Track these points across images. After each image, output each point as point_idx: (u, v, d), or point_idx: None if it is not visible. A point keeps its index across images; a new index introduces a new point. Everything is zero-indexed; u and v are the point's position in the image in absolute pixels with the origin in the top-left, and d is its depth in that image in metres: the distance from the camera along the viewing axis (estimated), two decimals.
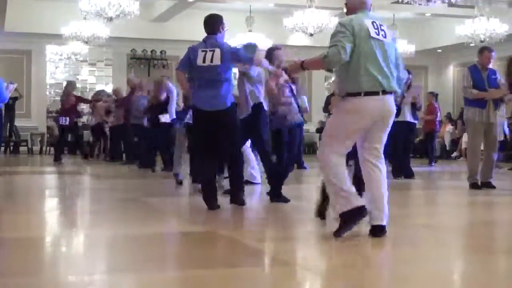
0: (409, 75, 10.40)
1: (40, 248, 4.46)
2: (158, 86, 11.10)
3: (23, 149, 19.32)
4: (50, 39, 19.32)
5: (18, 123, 18.91)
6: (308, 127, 16.95)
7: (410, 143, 11.06)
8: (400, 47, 18.40)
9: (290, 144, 6.88)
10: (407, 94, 10.27)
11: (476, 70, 8.65)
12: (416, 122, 10.90)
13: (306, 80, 20.84)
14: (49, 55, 20.60)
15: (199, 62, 6.21)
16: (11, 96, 13.82)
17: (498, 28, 16.01)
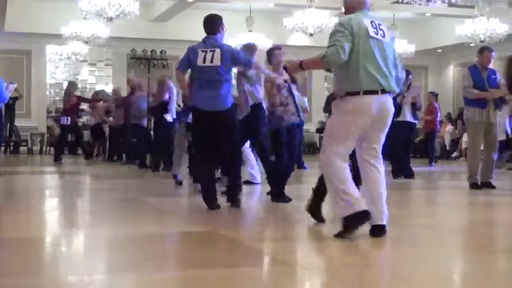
0: (409, 75, 10.42)
1: (40, 248, 4.45)
2: (161, 87, 11.10)
3: (23, 149, 19.31)
4: (50, 39, 19.32)
5: (18, 123, 18.91)
6: (308, 127, 16.99)
7: (410, 143, 11.05)
8: (400, 47, 18.40)
9: (290, 144, 6.88)
10: (407, 94, 10.28)
11: (476, 70, 8.65)
12: (416, 122, 10.90)
13: (306, 80, 20.82)
14: (49, 55, 20.59)
15: (199, 62, 6.20)
16: (11, 96, 13.84)
17: (498, 28, 16.00)
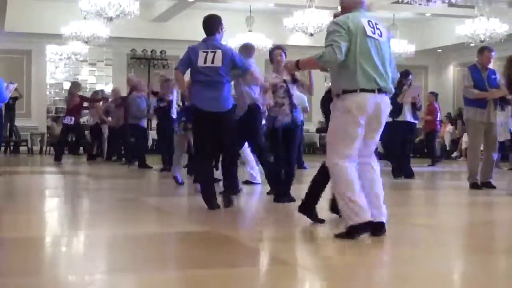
0: (409, 75, 10.42)
1: (40, 248, 4.45)
2: (167, 86, 11.05)
3: (23, 149, 19.30)
4: (50, 39, 19.32)
5: (18, 123, 18.90)
6: (308, 127, 16.96)
7: (410, 143, 11.05)
8: (400, 47, 18.38)
9: (289, 145, 6.85)
10: (407, 94, 10.27)
11: (476, 70, 8.64)
12: (416, 122, 10.90)
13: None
14: (49, 55, 20.58)
15: (200, 63, 6.20)
16: (11, 96, 13.84)
17: (498, 28, 16.00)
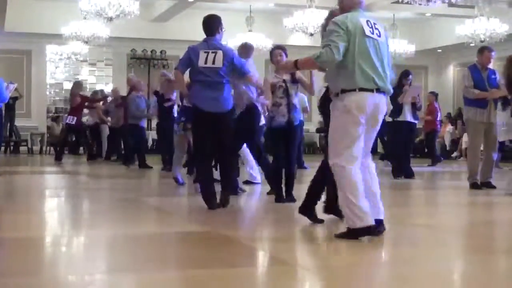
0: (409, 75, 10.42)
1: (40, 248, 4.46)
2: (169, 86, 11.03)
3: (23, 149, 19.29)
4: (50, 39, 19.32)
5: (18, 123, 18.90)
6: (308, 127, 16.95)
7: (411, 143, 11.05)
8: (400, 47, 18.37)
9: (288, 144, 6.85)
10: (407, 94, 10.27)
11: (476, 70, 8.64)
12: (417, 122, 10.89)
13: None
14: (49, 55, 20.57)
15: (201, 63, 6.20)
16: (11, 96, 13.83)
17: (498, 28, 15.98)
